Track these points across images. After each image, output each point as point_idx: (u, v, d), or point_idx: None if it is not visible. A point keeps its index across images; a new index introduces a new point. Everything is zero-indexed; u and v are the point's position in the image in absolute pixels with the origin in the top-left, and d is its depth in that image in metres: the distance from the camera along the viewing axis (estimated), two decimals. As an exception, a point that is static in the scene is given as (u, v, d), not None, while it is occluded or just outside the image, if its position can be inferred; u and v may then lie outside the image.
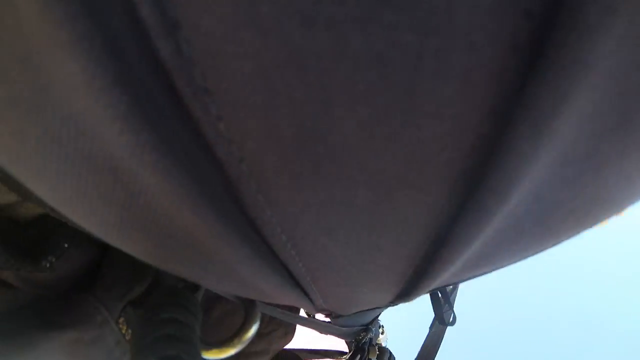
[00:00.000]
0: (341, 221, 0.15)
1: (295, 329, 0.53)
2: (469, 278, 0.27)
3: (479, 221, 0.14)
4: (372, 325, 0.43)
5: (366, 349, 0.42)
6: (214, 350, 0.25)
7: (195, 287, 0.30)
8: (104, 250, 0.26)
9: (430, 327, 0.48)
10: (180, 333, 0.22)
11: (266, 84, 0.10)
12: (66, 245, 0.24)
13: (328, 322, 0.38)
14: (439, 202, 0.14)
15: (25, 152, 0.13)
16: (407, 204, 0.14)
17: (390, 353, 0.45)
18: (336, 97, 0.10)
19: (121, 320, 0.25)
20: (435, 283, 0.25)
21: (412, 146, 0.11)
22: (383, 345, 0.46)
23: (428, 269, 0.21)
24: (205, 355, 0.25)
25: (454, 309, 0.50)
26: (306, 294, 0.24)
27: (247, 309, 0.27)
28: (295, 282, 0.22)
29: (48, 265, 0.23)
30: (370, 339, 0.43)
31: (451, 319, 0.50)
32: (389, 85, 0.10)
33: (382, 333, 0.47)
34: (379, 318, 0.46)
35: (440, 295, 0.50)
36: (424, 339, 0.47)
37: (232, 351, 0.25)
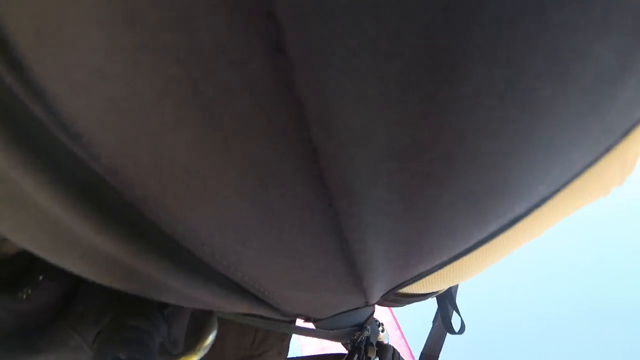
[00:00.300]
0: (244, 230, 0.17)
1: (287, 348, 0.53)
2: (422, 272, 0.27)
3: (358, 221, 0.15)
4: (367, 324, 0.43)
5: (363, 348, 0.42)
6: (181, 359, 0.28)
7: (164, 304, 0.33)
8: (78, 282, 0.30)
9: (433, 321, 0.47)
10: (138, 338, 0.24)
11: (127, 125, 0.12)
12: (41, 278, 0.28)
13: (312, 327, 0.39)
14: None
15: None
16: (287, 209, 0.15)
17: (394, 349, 0.45)
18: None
19: (96, 344, 0.28)
20: (382, 283, 0.25)
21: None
22: (385, 342, 0.46)
23: (357, 270, 0.21)
24: (172, 364, 0.28)
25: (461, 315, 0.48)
26: (262, 301, 0.25)
27: (205, 316, 0.29)
28: (243, 291, 0.23)
29: (25, 296, 0.27)
30: (367, 337, 0.43)
31: (459, 328, 0.48)
32: None
33: (382, 331, 0.47)
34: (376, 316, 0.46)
35: (446, 301, 0.49)
36: (428, 334, 0.46)
37: (195, 358, 0.27)
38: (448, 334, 0.46)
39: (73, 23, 0.10)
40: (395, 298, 0.40)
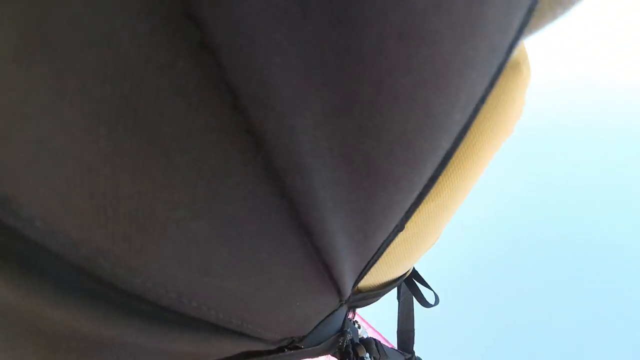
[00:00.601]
0: (205, 254, 0.16)
1: None
2: (381, 243, 0.28)
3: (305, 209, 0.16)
4: (346, 327, 0.44)
5: (351, 351, 0.43)
6: None
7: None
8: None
9: (398, 298, 0.49)
10: None
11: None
12: None
13: (294, 348, 0.38)
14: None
15: None
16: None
17: (375, 341, 0.46)
18: None
19: None
20: (349, 268, 0.26)
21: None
22: (364, 337, 0.47)
23: (324, 259, 0.21)
24: None
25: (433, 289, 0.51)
26: (243, 334, 0.24)
27: None
28: (221, 330, 0.22)
29: None
30: (351, 339, 0.44)
31: (434, 300, 0.51)
32: None
33: (359, 327, 0.48)
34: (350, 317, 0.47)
35: (414, 280, 0.51)
36: (397, 311, 0.49)
37: None
38: (416, 305, 0.49)
39: None
40: (365, 294, 0.42)
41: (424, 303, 0.48)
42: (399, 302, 0.49)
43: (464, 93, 0.19)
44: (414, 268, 0.49)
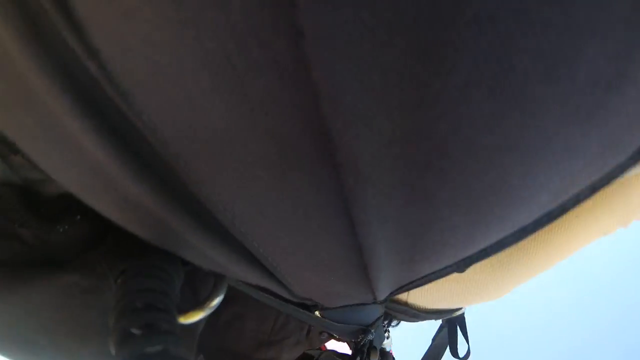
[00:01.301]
0: (263, 199, 0.18)
1: (306, 339, 0.53)
2: (429, 273, 0.26)
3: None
4: (372, 328, 0.43)
5: (365, 351, 0.42)
6: (187, 315, 0.29)
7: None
8: (111, 227, 0.32)
9: (433, 339, 0.45)
10: (158, 301, 0.25)
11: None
12: (78, 217, 0.30)
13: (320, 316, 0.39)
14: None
15: (25, 135, 0.19)
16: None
17: (393, 358, 0.44)
18: None
19: (119, 281, 0.30)
20: (388, 277, 0.26)
21: None
22: (387, 350, 0.45)
23: (363, 258, 0.22)
24: (180, 320, 0.29)
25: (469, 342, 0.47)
26: (273, 276, 0.26)
27: (216, 278, 0.30)
28: (256, 262, 0.24)
29: (61, 230, 0.29)
30: (371, 341, 0.43)
31: (465, 354, 0.47)
32: None
33: (388, 337, 0.46)
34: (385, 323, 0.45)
35: (457, 326, 0.48)
36: (425, 353, 0.45)
37: (201, 314, 0.28)
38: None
39: None
40: (407, 309, 0.40)
41: (455, 352, 0.44)
42: (432, 342, 0.45)
43: (558, 177, 0.17)
44: (463, 314, 0.44)
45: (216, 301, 0.29)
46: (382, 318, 0.43)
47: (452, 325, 0.48)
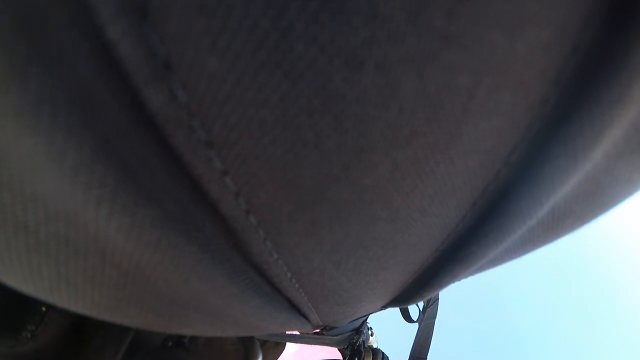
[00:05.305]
0: (353, 253, 0.15)
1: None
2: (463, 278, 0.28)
3: (499, 239, 0.14)
4: (362, 328, 0.44)
5: (362, 351, 0.43)
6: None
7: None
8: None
9: (419, 322, 0.49)
10: None
11: (291, 133, 0.08)
12: (44, 309, 0.23)
13: (319, 333, 0.38)
14: (454, 223, 0.14)
15: None
16: (423, 228, 0.13)
17: (383, 353, 0.46)
18: (374, 143, 0.09)
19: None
20: (436, 292, 0.26)
21: (442, 181, 0.11)
22: (374, 346, 0.47)
23: (432, 280, 0.21)
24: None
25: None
26: (305, 318, 0.24)
27: (247, 346, 0.26)
28: (296, 311, 0.22)
29: (29, 335, 0.21)
30: (363, 341, 0.44)
31: (417, 317, 0.51)
32: (434, 127, 0.09)
33: (372, 335, 0.48)
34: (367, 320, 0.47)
35: None
36: (416, 334, 0.49)
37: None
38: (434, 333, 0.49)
39: None
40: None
41: (407, 316, 0.48)
42: (419, 325, 0.49)
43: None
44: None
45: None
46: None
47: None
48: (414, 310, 0.53)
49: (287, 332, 0.40)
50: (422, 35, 0.07)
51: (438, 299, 0.50)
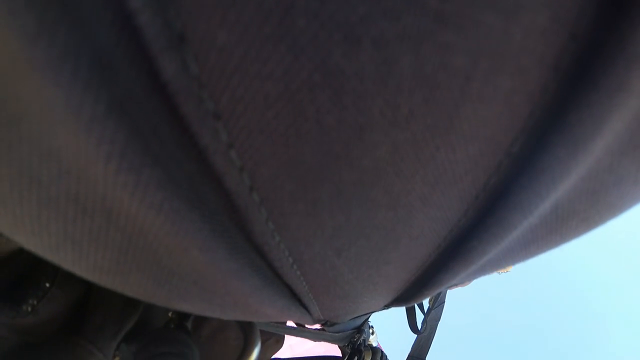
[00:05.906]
0: (355, 241, 0.15)
1: (284, 335, 0.53)
2: (467, 280, 0.28)
3: (499, 235, 0.13)
4: (363, 327, 0.44)
5: (362, 350, 0.43)
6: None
7: (185, 315, 0.29)
8: (89, 286, 0.25)
9: (423, 322, 0.49)
10: None
11: (293, 108, 0.09)
12: (48, 285, 0.22)
13: (321, 329, 0.38)
14: (457, 217, 0.13)
15: None
16: (425, 220, 0.13)
17: (382, 352, 0.46)
18: (374, 121, 0.09)
19: (116, 359, 0.24)
20: (437, 290, 0.26)
21: (443, 168, 0.11)
22: (374, 345, 0.46)
23: (434, 278, 0.21)
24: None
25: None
26: (306, 309, 0.24)
27: (246, 333, 0.26)
28: (297, 300, 0.21)
29: (30, 309, 0.21)
30: (364, 340, 0.44)
31: (421, 328, 0.51)
32: (432, 109, 0.09)
33: (373, 334, 0.48)
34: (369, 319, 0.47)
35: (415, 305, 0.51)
36: (415, 338, 0.48)
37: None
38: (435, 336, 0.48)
39: None
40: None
41: (414, 327, 0.48)
42: (422, 326, 0.49)
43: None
44: None
45: (254, 356, 0.25)
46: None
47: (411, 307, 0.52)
48: (420, 317, 0.53)
49: (287, 325, 0.39)
50: (417, 14, 0.07)
51: (444, 302, 0.49)
